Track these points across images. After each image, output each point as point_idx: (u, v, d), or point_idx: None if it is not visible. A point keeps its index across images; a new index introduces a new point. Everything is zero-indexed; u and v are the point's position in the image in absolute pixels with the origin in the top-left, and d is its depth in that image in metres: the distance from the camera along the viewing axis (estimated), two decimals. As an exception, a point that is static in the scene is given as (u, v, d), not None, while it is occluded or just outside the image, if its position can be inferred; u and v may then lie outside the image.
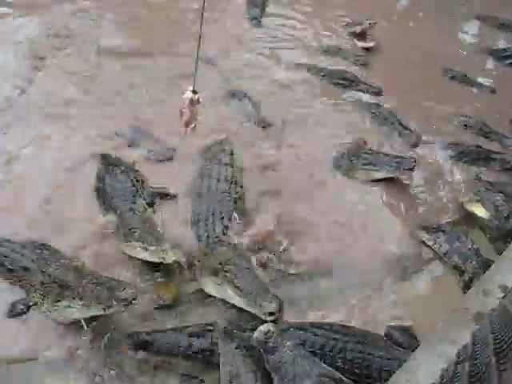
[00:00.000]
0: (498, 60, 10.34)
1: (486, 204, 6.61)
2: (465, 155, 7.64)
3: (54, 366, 4.84)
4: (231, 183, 6.54)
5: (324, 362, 4.31)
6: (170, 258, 5.29)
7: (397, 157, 7.10)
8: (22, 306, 5.19)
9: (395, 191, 7.06)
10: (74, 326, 5.05)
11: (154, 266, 5.46)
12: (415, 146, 7.77)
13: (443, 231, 6.34)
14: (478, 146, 7.87)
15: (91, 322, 5.01)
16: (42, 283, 5.10)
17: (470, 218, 6.75)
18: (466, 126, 8.38)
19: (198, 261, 5.65)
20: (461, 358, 3.31)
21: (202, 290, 5.47)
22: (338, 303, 5.62)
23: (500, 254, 5.50)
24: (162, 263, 5.31)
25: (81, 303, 4.78)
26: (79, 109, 7.61)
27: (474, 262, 5.94)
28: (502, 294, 4.23)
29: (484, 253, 6.12)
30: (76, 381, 4.72)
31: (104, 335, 4.94)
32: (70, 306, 4.86)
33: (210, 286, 5.45)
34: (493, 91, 9.44)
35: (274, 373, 4.14)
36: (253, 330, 4.43)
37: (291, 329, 4.80)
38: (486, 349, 2.76)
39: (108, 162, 6.61)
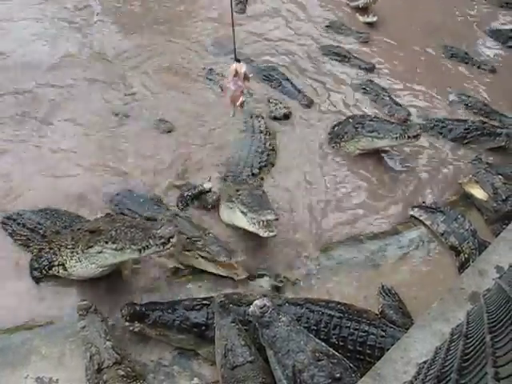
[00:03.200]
0: (501, 41, 10.22)
1: (484, 186, 6.60)
2: (470, 131, 7.59)
3: (51, 336, 4.89)
4: (266, 134, 7.06)
5: (318, 338, 4.32)
6: (241, 275, 5.41)
7: (402, 124, 7.07)
8: (41, 267, 5.22)
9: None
10: (74, 296, 5.11)
11: None
12: (405, 121, 7.77)
13: (441, 211, 6.35)
14: (483, 122, 7.85)
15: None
16: (73, 237, 5.03)
17: (468, 199, 6.76)
18: (466, 105, 8.35)
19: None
20: (455, 336, 3.33)
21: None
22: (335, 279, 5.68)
23: (497, 236, 5.49)
24: None
25: (114, 246, 4.64)
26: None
27: (471, 243, 5.96)
28: (498, 275, 4.24)
29: (481, 234, 6.14)
30: (71, 351, 4.76)
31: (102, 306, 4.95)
32: (102, 252, 4.74)
33: (225, 213, 5.77)
34: (492, 71, 9.37)
35: (269, 347, 4.16)
36: (249, 304, 4.43)
37: (287, 304, 4.82)
38: (481, 327, 2.77)
39: None
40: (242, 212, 5.50)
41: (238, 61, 5.09)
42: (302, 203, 6.45)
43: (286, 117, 7.61)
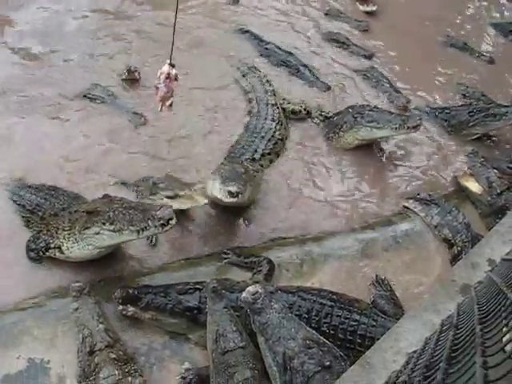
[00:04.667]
0: (503, 33, 10.16)
1: (479, 179, 6.61)
2: (474, 114, 7.48)
3: (43, 318, 4.89)
4: (277, 123, 7.02)
5: (310, 326, 4.35)
6: (202, 201, 5.49)
7: (401, 115, 7.02)
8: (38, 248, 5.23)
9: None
10: (68, 276, 5.16)
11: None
12: (405, 109, 7.75)
13: (436, 204, 6.37)
14: (487, 103, 7.83)
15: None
16: (70, 219, 5.02)
17: (463, 192, 6.77)
18: (464, 95, 8.33)
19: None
20: (445, 327, 3.35)
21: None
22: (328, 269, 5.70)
23: (490, 229, 5.51)
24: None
25: (111, 228, 4.63)
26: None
27: (464, 236, 5.99)
28: (490, 268, 4.27)
29: (475, 228, 6.16)
30: (64, 332, 4.77)
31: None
32: (99, 233, 4.73)
33: (208, 185, 5.79)
34: (491, 61, 9.35)
35: (260, 333, 4.18)
36: (241, 290, 4.45)
37: (279, 291, 4.84)
38: (471, 319, 2.79)
39: None
40: (216, 182, 5.60)
41: (173, 66, 5.17)
42: (293, 190, 6.50)
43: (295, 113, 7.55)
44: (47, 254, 5.20)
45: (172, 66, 5.15)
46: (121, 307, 4.84)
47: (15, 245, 5.37)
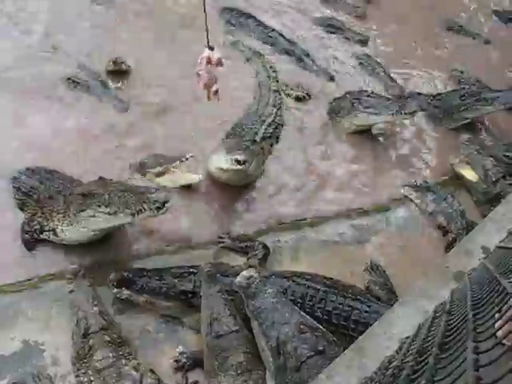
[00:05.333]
0: (502, 21, 10.10)
1: (475, 167, 6.61)
2: (466, 97, 7.43)
3: (38, 299, 4.91)
4: (278, 109, 7.07)
5: (303, 311, 4.37)
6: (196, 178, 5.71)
7: (398, 101, 7.01)
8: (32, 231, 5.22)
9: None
10: (63, 259, 5.17)
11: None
12: (399, 97, 7.72)
13: (431, 191, 6.38)
14: (480, 88, 7.81)
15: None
16: (64, 201, 4.99)
17: (458, 180, 6.78)
18: (459, 81, 8.31)
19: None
20: (438, 313, 3.37)
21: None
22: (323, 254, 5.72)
23: (485, 217, 5.53)
24: None
25: (107, 211, 4.61)
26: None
27: (459, 224, 6.02)
28: (484, 255, 4.29)
29: (470, 215, 6.19)
30: (58, 314, 4.79)
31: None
32: (94, 216, 4.71)
33: (213, 160, 5.87)
34: (487, 42, 9.40)
35: (254, 318, 4.19)
36: (236, 275, 4.46)
37: (273, 276, 4.85)
38: (464, 305, 2.81)
39: None
40: (222, 153, 5.65)
41: (212, 48, 4.92)
42: (292, 176, 6.49)
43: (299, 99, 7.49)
44: (41, 236, 5.19)
45: (211, 48, 4.90)
46: (115, 290, 4.85)
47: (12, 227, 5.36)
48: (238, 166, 5.44)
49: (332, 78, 7.92)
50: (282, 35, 8.45)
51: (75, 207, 4.82)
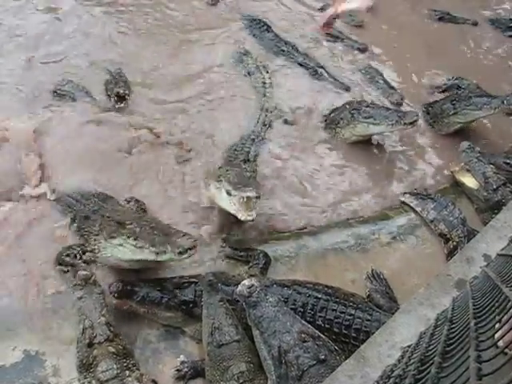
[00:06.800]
0: (500, 30, 10.06)
1: (476, 174, 6.60)
2: (457, 101, 7.39)
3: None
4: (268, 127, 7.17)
5: (305, 320, 4.36)
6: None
7: (398, 111, 7.00)
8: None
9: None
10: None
11: None
12: (399, 105, 7.73)
13: (432, 198, 6.37)
14: (479, 88, 7.80)
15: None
16: (101, 223, 5.06)
17: (459, 188, 6.77)
18: (458, 87, 8.29)
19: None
20: (440, 321, 3.36)
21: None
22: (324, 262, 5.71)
23: (486, 224, 5.52)
24: None
25: (134, 243, 4.65)
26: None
27: (460, 231, 5.98)
28: (485, 263, 4.28)
29: (471, 223, 6.16)
30: (59, 325, 4.78)
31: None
32: (122, 245, 4.76)
33: (212, 189, 5.69)
34: (475, 24, 9.69)
35: (255, 327, 4.19)
36: (237, 284, 4.45)
37: (275, 285, 4.84)
38: (466, 313, 2.80)
39: None
40: (227, 191, 5.37)
41: None
42: (291, 184, 6.49)
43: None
44: (84, 258, 5.24)
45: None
46: (116, 301, 4.84)
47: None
48: (248, 217, 5.19)
49: (348, 89, 7.91)
50: (296, 49, 8.47)
51: (108, 232, 4.89)
